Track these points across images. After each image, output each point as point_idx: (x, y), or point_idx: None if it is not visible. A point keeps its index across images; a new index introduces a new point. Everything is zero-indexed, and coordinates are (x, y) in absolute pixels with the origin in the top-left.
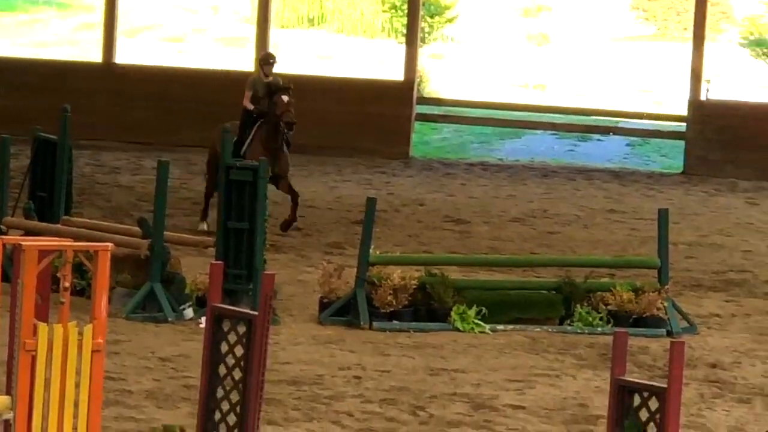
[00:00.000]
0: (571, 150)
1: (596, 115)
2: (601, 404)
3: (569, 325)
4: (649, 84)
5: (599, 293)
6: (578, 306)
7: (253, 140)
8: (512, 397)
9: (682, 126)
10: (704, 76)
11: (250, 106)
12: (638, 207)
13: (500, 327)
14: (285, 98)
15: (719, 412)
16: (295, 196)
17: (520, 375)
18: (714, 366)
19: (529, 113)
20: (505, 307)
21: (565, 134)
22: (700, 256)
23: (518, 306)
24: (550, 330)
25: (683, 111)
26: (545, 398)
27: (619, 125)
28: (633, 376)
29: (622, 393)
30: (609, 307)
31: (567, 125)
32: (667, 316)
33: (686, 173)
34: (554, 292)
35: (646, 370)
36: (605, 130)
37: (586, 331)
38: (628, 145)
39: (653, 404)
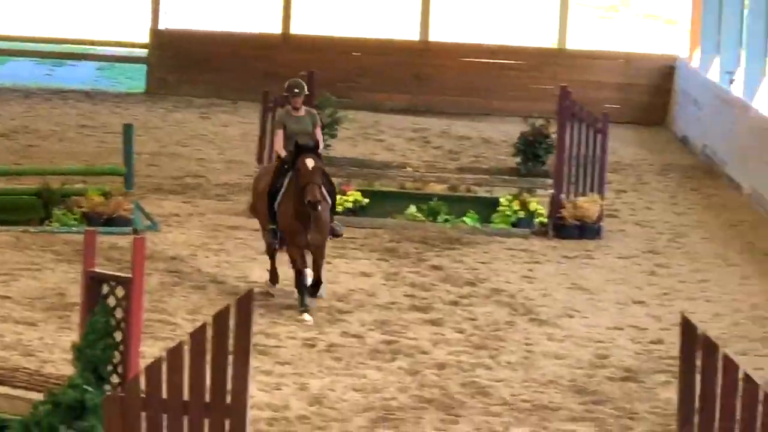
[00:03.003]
0: (48, 74)
1: (70, 43)
2: (75, 293)
3: (48, 225)
4: (114, 13)
5: (74, 197)
6: (56, 209)
7: (284, 197)
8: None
9: (144, 52)
10: (162, 6)
11: (283, 153)
12: (107, 123)
13: None
14: (310, 163)
15: (179, 298)
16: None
17: (6, 269)
18: (174, 258)
19: (13, 42)
20: None
21: (42, 60)
22: (161, 164)
23: (3, 209)
24: (32, 230)
25: (146, 39)
26: (28, 289)
27: (90, 52)
28: (105, 269)
29: (93, 283)
30: (82, 209)
31: (45, 53)
32: (133, 216)
33: (148, 93)
34: (35, 197)
35: (116, 264)
36: (78, 57)
37: (63, 230)
38: (98, 69)
39: (120, 292)
